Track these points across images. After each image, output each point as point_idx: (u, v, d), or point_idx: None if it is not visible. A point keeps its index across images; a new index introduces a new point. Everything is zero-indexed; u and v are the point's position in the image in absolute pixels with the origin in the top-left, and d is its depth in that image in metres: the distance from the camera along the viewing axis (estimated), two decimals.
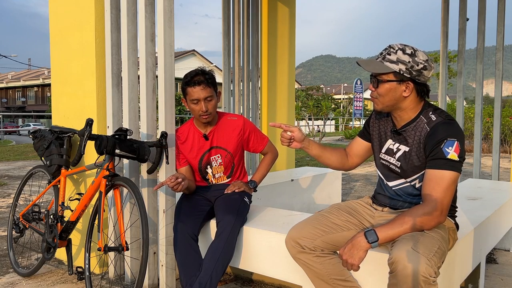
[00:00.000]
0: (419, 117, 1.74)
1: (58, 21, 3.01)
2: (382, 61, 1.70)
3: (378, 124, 1.94)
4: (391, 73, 1.68)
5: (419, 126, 1.73)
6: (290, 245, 1.87)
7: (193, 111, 2.32)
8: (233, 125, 2.44)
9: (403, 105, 1.74)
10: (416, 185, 1.79)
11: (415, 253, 1.46)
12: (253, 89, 4.46)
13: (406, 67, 1.66)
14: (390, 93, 1.70)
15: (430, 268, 1.44)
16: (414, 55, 1.67)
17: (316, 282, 1.87)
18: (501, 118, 4.31)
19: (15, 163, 10.36)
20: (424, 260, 1.45)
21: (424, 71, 1.69)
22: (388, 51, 1.70)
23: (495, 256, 3.15)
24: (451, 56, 23.11)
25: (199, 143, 2.42)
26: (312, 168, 4.62)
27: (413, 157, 1.74)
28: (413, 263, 1.45)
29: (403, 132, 1.79)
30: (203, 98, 2.26)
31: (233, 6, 4.24)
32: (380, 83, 1.71)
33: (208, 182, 2.49)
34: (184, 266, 2.14)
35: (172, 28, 2.41)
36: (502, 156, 11.22)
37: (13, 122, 39.39)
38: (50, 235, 2.53)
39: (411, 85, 1.69)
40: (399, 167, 1.80)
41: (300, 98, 22.52)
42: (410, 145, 1.75)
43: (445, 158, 1.60)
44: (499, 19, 4.21)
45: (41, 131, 2.86)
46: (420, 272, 1.43)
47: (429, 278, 1.44)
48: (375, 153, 1.94)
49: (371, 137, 1.99)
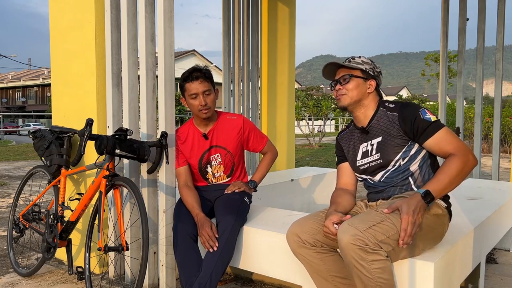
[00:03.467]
0: (378, 110, 1.94)
1: (58, 21, 3.01)
2: (349, 63, 1.96)
3: (346, 139, 2.09)
4: (359, 70, 1.93)
5: (383, 116, 1.91)
6: (292, 239, 1.89)
7: (192, 107, 2.33)
8: (232, 124, 2.44)
9: (365, 102, 1.94)
10: (401, 164, 1.87)
11: (349, 227, 1.58)
12: (253, 89, 4.46)
13: (370, 66, 1.95)
14: (357, 88, 1.92)
15: (359, 239, 1.53)
16: (373, 62, 1.97)
17: (316, 278, 1.88)
18: (501, 118, 4.31)
19: (15, 163, 10.37)
20: (353, 230, 1.56)
21: (380, 76, 2.00)
22: (351, 58, 1.98)
23: (495, 256, 3.15)
24: (451, 56, 23.08)
25: (199, 143, 2.42)
26: (312, 168, 4.62)
27: (389, 141, 1.87)
28: (345, 235, 1.56)
29: (370, 129, 1.94)
30: (202, 92, 2.29)
31: (233, 6, 4.24)
32: (351, 77, 1.92)
33: (208, 181, 2.49)
34: (184, 266, 2.14)
35: (172, 28, 2.41)
36: (502, 156, 11.22)
37: (13, 122, 39.40)
38: (50, 235, 2.53)
39: (374, 83, 1.94)
40: (380, 158, 1.90)
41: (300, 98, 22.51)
42: (381, 133, 1.90)
43: (431, 123, 1.79)
44: (499, 19, 4.22)
45: (41, 131, 2.86)
46: (349, 240, 1.54)
47: (362, 246, 1.52)
48: (353, 164, 2.03)
49: (346, 153, 2.08)
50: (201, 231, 2.16)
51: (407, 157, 1.86)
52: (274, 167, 4.75)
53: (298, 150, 13.87)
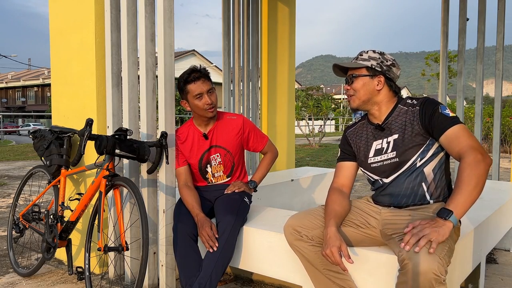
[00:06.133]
0: (397, 107, 1.85)
1: (58, 21, 3.01)
2: (356, 61, 1.88)
3: (355, 134, 2.00)
4: (364, 68, 1.85)
5: (402, 112, 1.83)
6: (288, 231, 1.89)
7: (197, 108, 2.32)
8: (232, 124, 2.44)
9: (378, 99, 1.86)
10: (417, 165, 1.77)
11: (427, 251, 1.45)
12: (253, 89, 4.46)
13: (376, 62, 1.84)
14: (364, 87, 1.85)
15: (442, 267, 1.44)
16: (383, 54, 1.87)
17: (310, 270, 1.88)
18: (501, 118, 4.31)
19: (15, 163, 10.37)
20: (435, 258, 1.44)
21: (393, 68, 1.86)
22: (360, 53, 1.90)
23: (495, 256, 3.15)
24: (451, 56, 23.09)
25: (199, 143, 2.42)
26: (312, 168, 4.62)
27: (407, 139, 1.78)
28: (425, 261, 1.44)
29: (386, 126, 1.85)
30: (206, 91, 2.29)
31: (233, 6, 4.24)
32: (354, 78, 1.86)
33: (208, 181, 2.49)
34: (184, 266, 2.14)
35: (172, 28, 2.41)
36: (502, 156, 11.22)
37: (13, 122, 39.40)
38: (50, 235, 2.53)
39: (383, 79, 1.84)
40: (396, 156, 1.80)
41: (300, 98, 22.50)
42: (399, 130, 1.81)
43: (449, 117, 1.72)
44: (499, 19, 4.21)
45: (41, 131, 2.86)
46: (432, 270, 1.43)
47: (440, 276, 1.43)
48: (363, 161, 1.93)
49: (354, 150, 1.99)
50: (201, 231, 2.16)
51: (424, 158, 1.77)
52: (274, 167, 4.75)
53: (298, 150, 13.87)
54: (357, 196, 5.59)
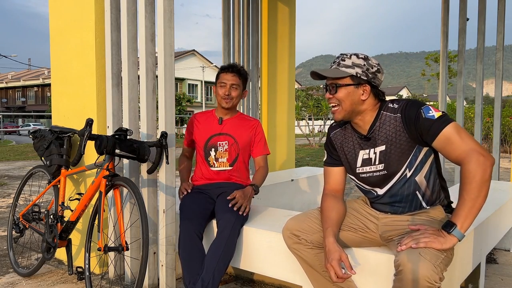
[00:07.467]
0: (380, 114, 1.74)
1: (58, 21, 3.01)
2: (338, 67, 1.72)
3: (340, 139, 1.90)
4: (348, 77, 1.70)
5: (386, 120, 1.72)
6: (287, 235, 1.89)
7: (217, 94, 2.54)
8: (248, 123, 2.62)
9: (361, 108, 1.74)
10: (407, 176, 1.72)
11: (422, 259, 1.44)
12: (253, 89, 4.46)
13: (362, 70, 1.69)
14: (349, 97, 1.71)
15: (436, 275, 1.43)
16: (368, 59, 1.72)
17: (309, 272, 1.88)
18: (501, 118, 4.31)
19: (15, 163, 10.37)
20: (430, 266, 1.43)
21: (378, 74, 1.73)
22: (342, 57, 1.73)
23: (495, 256, 3.15)
24: (451, 56, 23.10)
25: (212, 125, 2.58)
26: (312, 168, 4.62)
27: (394, 150, 1.70)
28: (419, 268, 1.43)
29: (371, 136, 1.76)
30: (230, 84, 2.49)
31: (233, 6, 4.24)
32: (339, 87, 1.72)
33: (209, 164, 2.54)
34: (188, 263, 2.14)
35: (172, 28, 2.41)
36: (502, 156, 11.22)
37: (13, 122, 39.41)
38: (50, 235, 2.53)
39: (368, 88, 1.71)
40: (384, 168, 1.75)
41: (300, 98, 22.49)
42: (385, 141, 1.72)
43: (434, 119, 1.59)
44: (499, 19, 4.21)
45: (41, 131, 2.86)
46: (425, 278, 1.42)
47: (434, 284, 1.43)
48: (350, 168, 1.87)
49: (340, 154, 1.91)
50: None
51: (413, 167, 1.70)
52: (274, 167, 4.75)
53: (298, 150, 13.87)
54: (357, 196, 5.58)
